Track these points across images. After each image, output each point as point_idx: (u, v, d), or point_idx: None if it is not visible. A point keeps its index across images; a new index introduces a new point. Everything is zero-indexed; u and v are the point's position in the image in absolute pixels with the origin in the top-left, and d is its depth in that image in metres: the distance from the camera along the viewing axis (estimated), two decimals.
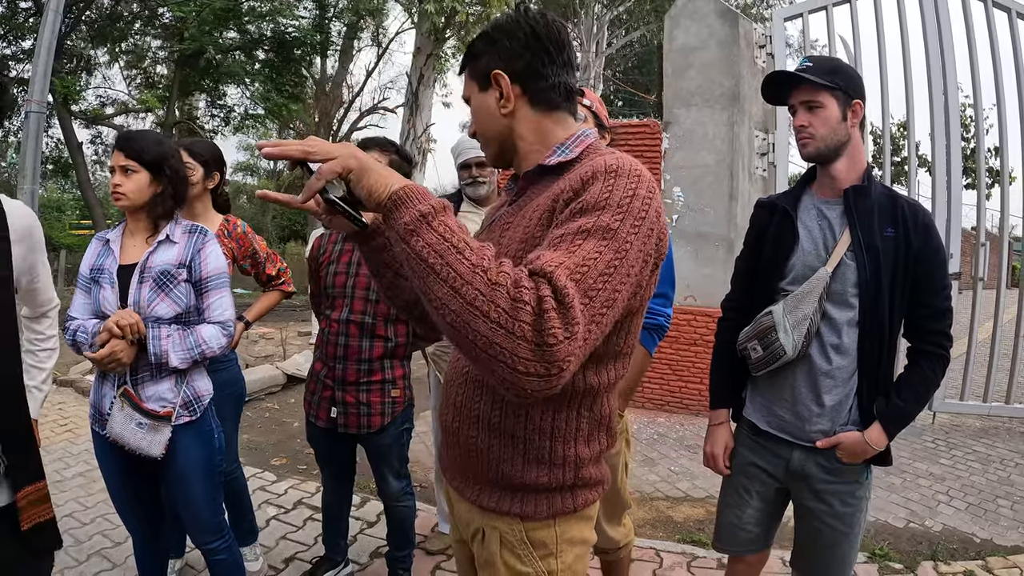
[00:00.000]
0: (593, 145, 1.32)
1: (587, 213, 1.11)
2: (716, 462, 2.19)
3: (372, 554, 3.31)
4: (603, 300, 1.04)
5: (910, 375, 1.94)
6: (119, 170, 2.18)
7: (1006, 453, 5.23)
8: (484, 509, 1.35)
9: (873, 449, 1.89)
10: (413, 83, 12.96)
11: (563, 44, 1.32)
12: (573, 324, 0.98)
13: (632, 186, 1.14)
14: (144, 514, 2.40)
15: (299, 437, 5.08)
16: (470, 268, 0.98)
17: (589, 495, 1.34)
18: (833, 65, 1.92)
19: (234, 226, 2.96)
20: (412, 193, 1.06)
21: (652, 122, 6.52)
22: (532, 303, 0.96)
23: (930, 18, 5.85)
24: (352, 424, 2.63)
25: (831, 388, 1.93)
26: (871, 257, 1.85)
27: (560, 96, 1.34)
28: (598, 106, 2.36)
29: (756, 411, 2.10)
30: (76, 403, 5.67)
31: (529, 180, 1.36)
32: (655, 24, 15.45)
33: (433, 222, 1.02)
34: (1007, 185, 6.03)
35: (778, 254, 2.00)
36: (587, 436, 1.30)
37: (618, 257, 1.07)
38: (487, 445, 1.32)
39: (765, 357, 1.97)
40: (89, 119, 13.59)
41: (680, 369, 6.29)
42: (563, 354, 0.97)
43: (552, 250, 1.06)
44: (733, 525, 2.17)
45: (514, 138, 1.35)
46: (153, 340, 2.12)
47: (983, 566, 3.30)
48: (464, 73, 1.39)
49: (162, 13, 12.87)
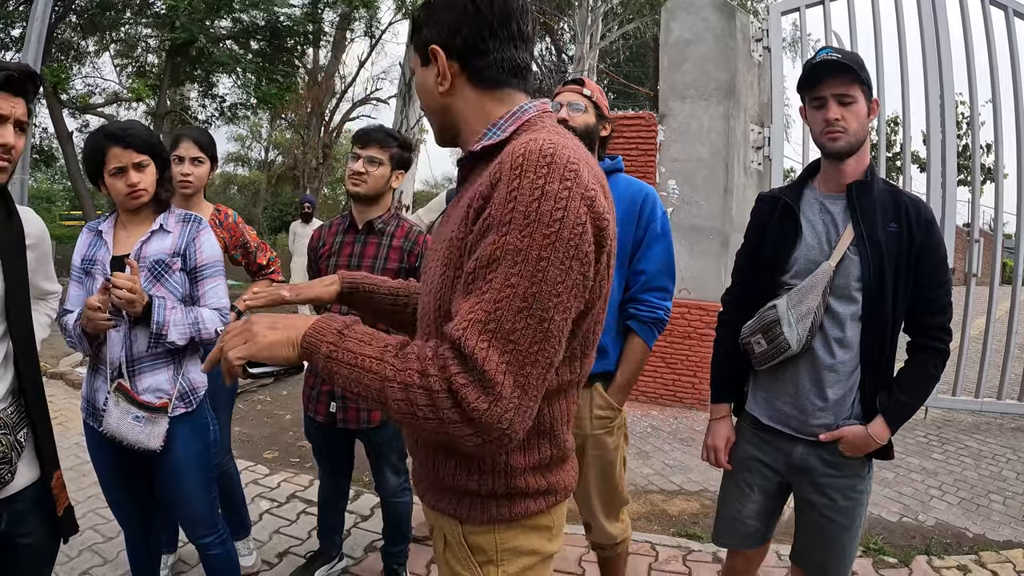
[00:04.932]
0: (530, 121, 1.19)
1: (492, 230, 1.02)
2: (717, 455, 2.18)
3: (367, 548, 3.30)
4: (531, 337, 0.99)
5: (911, 369, 1.94)
6: (132, 168, 2.12)
7: (998, 448, 5.27)
8: (430, 508, 1.33)
9: (876, 443, 1.90)
10: (406, 74, 12.89)
11: (509, 14, 1.19)
12: (493, 386, 0.97)
13: (539, 184, 1.01)
14: (137, 508, 2.38)
15: (291, 430, 5.06)
16: (382, 383, 1.02)
17: (530, 505, 1.24)
18: (859, 60, 1.90)
19: (225, 216, 2.93)
20: (310, 341, 1.09)
21: (648, 114, 6.50)
22: (443, 389, 0.98)
23: (927, 15, 5.86)
24: (352, 419, 2.61)
25: (834, 382, 1.93)
26: (875, 252, 1.85)
27: (505, 72, 1.21)
28: (598, 96, 2.33)
29: (758, 405, 2.10)
30: (66, 396, 5.61)
31: (466, 167, 1.26)
32: (650, 17, 15.40)
33: (338, 355, 1.06)
34: (1001, 182, 6.05)
35: (780, 248, 2.00)
36: (523, 444, 1.20)
37: (535, 282, 0.99)
38: (424, 444, 1.30)
39: (769, 351, 1.96)
40: (79, 108, 13.44)
41: (674, 362, 6.30)
42: (495, 418, 0.98)
43: (465, 296, 1.04)
44: (733, 519, 2.16)
45: (454, 118, 1.25)
46: (159, 308, 2.09)
47: (976, 560, 3.32)
48: (412, 44, 1.32)
49: (153, 2, 12.74)
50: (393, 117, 13.27)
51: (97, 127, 3.35)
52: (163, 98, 12.94)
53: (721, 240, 6.13)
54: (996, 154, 5.97)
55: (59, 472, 1.80)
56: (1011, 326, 5.87)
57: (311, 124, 17.69)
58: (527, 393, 1.01)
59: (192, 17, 11.18)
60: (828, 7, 6.19)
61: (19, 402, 1.69)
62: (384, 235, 2.58)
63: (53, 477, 1.76)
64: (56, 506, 1.77)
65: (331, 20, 14.91)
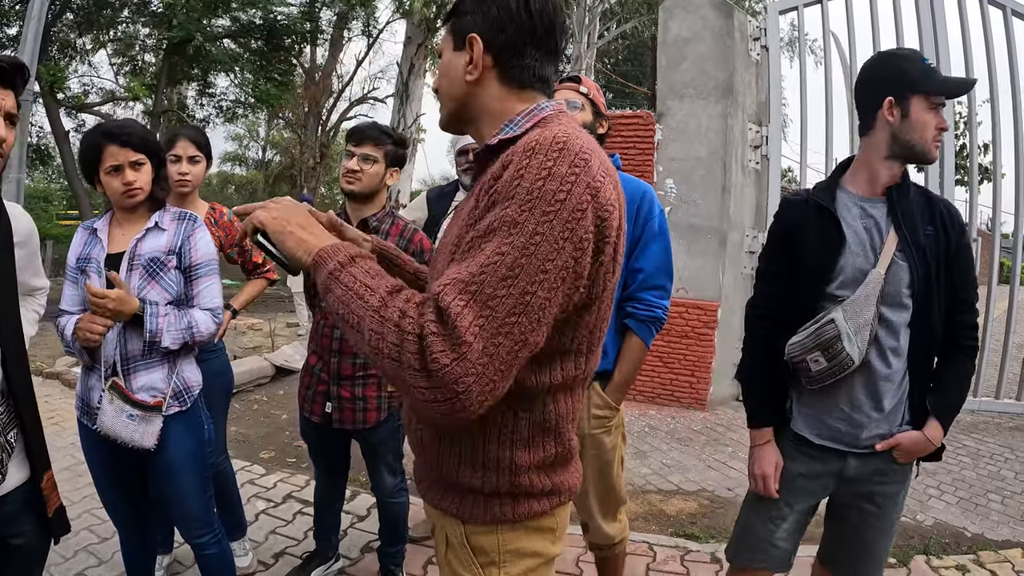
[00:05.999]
0: (547, 118, 1.19)
1: (496, 205, 1.04)
2: (768, 484, 1.99)
3: (363, 549, 3.28)
4: (509, 307, 0.99)
5: (952, 368, 1.92)
6: (129, 166, 2.11)
7: (996, 448, 5.26)
8: (432, 507, 1.32)
9: (933, 445, 1.87)
10: (404, 73, 12.90)
11: (554, 29, 1.22)
12: (460, 344, 0.96)
13: (548, 165, 1.03)
14: (131, 509, 2.36)
15: (288, 430, 5.04)
16: (366, 310, 1.03)
17: (533, 505, 1.23)
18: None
19: (220, 214, 2.92)
20: (324, 256, 1.12)
21: (645, 113, 6.49)
22: (414, 332, 0.97)
23: (925, 14, 5.85)
24: (347, 419, 2.59)
25: (888, 391, 1.87)
26: (920, 256, 1.81)
27: (533, 78, 1.23)
28: (595, 94, 2.33)
29: (805, 424, 1.97)
30: (62, 396, 5.59)
31: (481, 160, 1.26)
32: (648, 16, 15.41)
33: (341, 276, 1.08)
34: (999, 182, 6.04)
35: (825, 256, 1.87)
36: (527, 440, 1.20)
37: (525, 255, 0.99)
38: (429, 440, 1.28)
39: (831, 369, 1.84)
40: (75, 107, 13.41)
41: (671, 361, 6.29)
42: (453, 377, 0.96)
43: (457, 261, 1.05)
44: (762, 540, 2.03)
45: (474, 109, 1.26)
46: (150, 316, 2.08)
47: (975, 560, 3.31)
48: (446, 25, 1.29)
49: (150, 0, 12.72)
50: (390, 116, 13.27)
51: (94, 125, 3.33)
52: (160, 97, 12.92)
53: (719, 239, 6.12)
54: (994, 154, 5.97)
55: (50, 472, 1.78)
56: (1009, 325, 5.87)
57: (308, 123, 17.66)
58: (493, 363, 0.98)
59: (189, 15, 11.17)
60: (826, 6, 6.19)
61: (8, 402, 1.68)
62: (379, 232, 2.57)
63: (44, 478, 1.74)
64: (47, 507, 1.76)
65: (328, 19, 14.94)
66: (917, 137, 1.82)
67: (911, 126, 1.81)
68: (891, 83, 1.83)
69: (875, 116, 1.85)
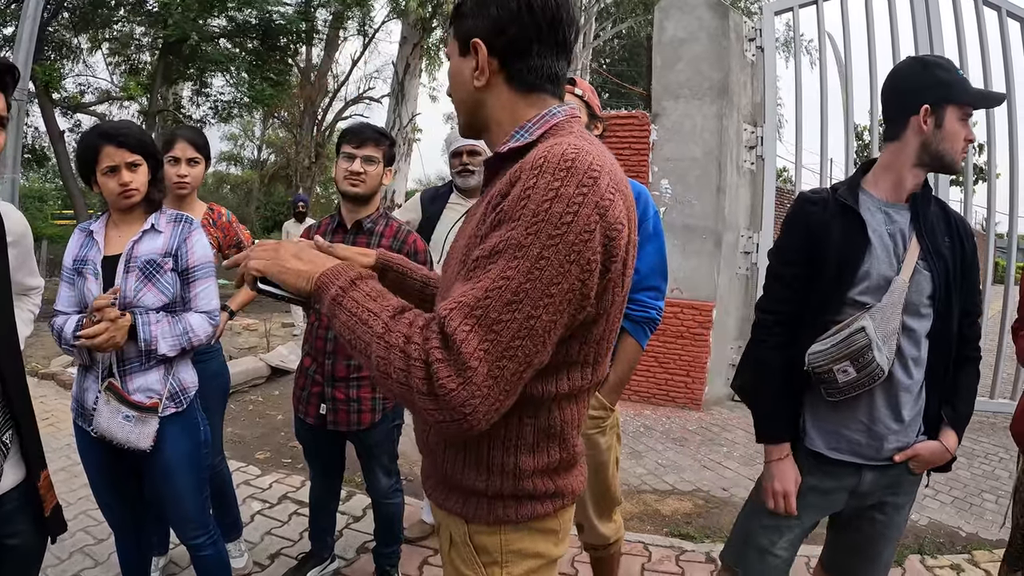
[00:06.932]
0: (558, 125, 1.18)
1: (503, 225, 1.03)
2: (789, 502, 1.88)
3: (359, 549, 3.28)
4: (514, 331, 0.99)
5: (963, 378, 1.92)
6: (125, 167, 2.11)
7: (990, 448, 5.28)
8: (437, 506, 1.33)
9: (950, 455, 1.88)
10: (399, 73, 12.88)
11: (559, 22, 1.17)
12: (465, 369, 0.98)
13: (555, 185, 1.01)
14: (127, 510, 2.36)
15: (283, 430, 5.04)
16: (371, 337, 1.04)
17: (537, 507, 1.24)
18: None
19: (219, 215, 2.91)
20: (325, 280, 1.14)
21: (641, 114, 6.50)
22: (421, 358, 0.99)
23: (920, 15, 5.87)
24: (342, 421, 2.59)
25: (907, 402, 1.83)
26: (941, 266, 1.79)
27: (542, 78, 1.20)
28: (590, 95, 2.32)
29: (821, 438, 1.88)
30: (57, 396, 5.58)
31: (492, 168, 1.24)
32: (643, 16, 15.43)
33: (344, 301, 1.10)
34: (994, 181, 6.06)
35: (848, 259, 1.79)
36: (532, 445, 1.20)
37: (530, 279, 0.99)
38: (434, 443, 1.29)
39: (860, 379, 1.75)
40: (71, 107, 13.37)
41: (666, 362, 6.30)
42: (460, 400, 0.98)
43: (464, 281, 1.05)
44: (764, 551, 1.96)
45: (484, 115, 1.24)
46: (143, 326, 2.08)
47: (969, 560, 3.33)
48: (451, 30, 1.27)
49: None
50: (386, 116, 13.25)
51: (91, 126, 3.33)
52: (155, 96, 12.89)
53: (714, 240, 6.13)
54: (988, 154, 5.99)
55: (46, 472, 1.78)
56: (1003, 325, 5.89)
57: (304, 123, 17.66)
58: (499, 385, 1.00)
59: (185, 15, 11.13)
60: (822, 7, 6.20)
61: (3, 403, 1.67)
62: (373, 234, 2.57)
63: (40, 477, 1.75)
64: (43, 506, 1.76)
65: (324, 19, 14.88)
66: (948, 147, 1.78)
67: (943, 136, 1.77)
68: (929, 91, 1.77)
69: (907, 122, 1.80)
